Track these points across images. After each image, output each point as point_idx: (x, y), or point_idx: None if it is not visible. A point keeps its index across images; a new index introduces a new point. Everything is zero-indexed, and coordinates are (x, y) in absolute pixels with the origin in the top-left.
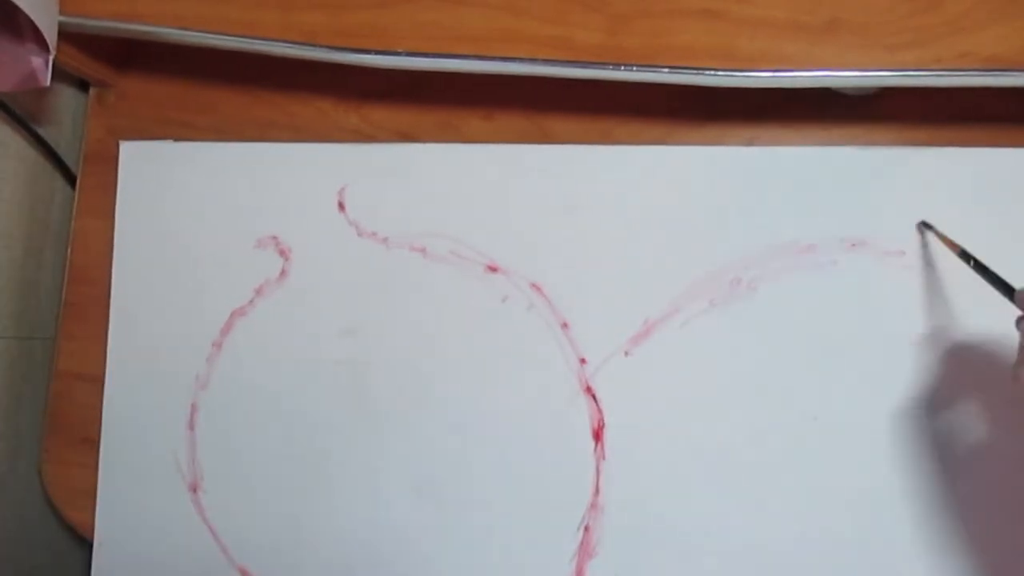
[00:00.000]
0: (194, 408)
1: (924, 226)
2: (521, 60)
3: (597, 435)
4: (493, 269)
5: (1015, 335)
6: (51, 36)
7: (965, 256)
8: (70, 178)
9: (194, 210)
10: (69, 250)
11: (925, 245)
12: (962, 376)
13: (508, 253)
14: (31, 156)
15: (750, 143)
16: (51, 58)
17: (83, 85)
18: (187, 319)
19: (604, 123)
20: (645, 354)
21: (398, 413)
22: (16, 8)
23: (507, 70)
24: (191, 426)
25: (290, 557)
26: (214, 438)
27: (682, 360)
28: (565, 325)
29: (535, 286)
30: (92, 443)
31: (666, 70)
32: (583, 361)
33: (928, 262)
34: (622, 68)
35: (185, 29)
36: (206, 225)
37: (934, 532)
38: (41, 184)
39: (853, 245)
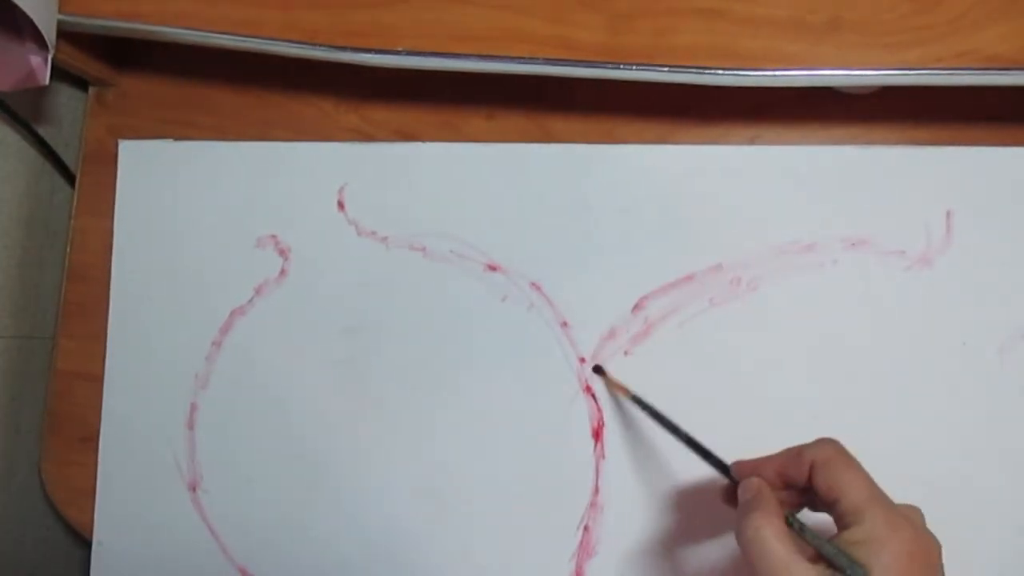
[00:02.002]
0: (194, 407)
1: (596, 371)
2: (522, 60)
3: (597, 434)
4: (493, 268)
5: (1010, 336)
6: (50, 35)
7: (639, 402)
8: (69, 177)
9: (194, 209)
10: (68, 249)
11: (927, 245)
12: (960, 375)
13: (508, 252)
14: (30, 155)
15: (751, 142)
16: (50, 57)
17: (83, 84)
18: (187, 318)
19: (605, 122)
20: (645, 353)
21: (398, 412)
22: (15, 7)
23: (508, 69)
24: (191, 425)
25: (290, 556)
26: (214, 437)
27: (682, 359)
28: (565, 324)
29: (535, 285)
30: (92, 442)
31: (667, 69)
32: (583, 360)
33: (929, 262)
34: (623, 68)
35: (185, 28)
36: (206, 224)
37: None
38: (40, 183)
39: (854, 245)
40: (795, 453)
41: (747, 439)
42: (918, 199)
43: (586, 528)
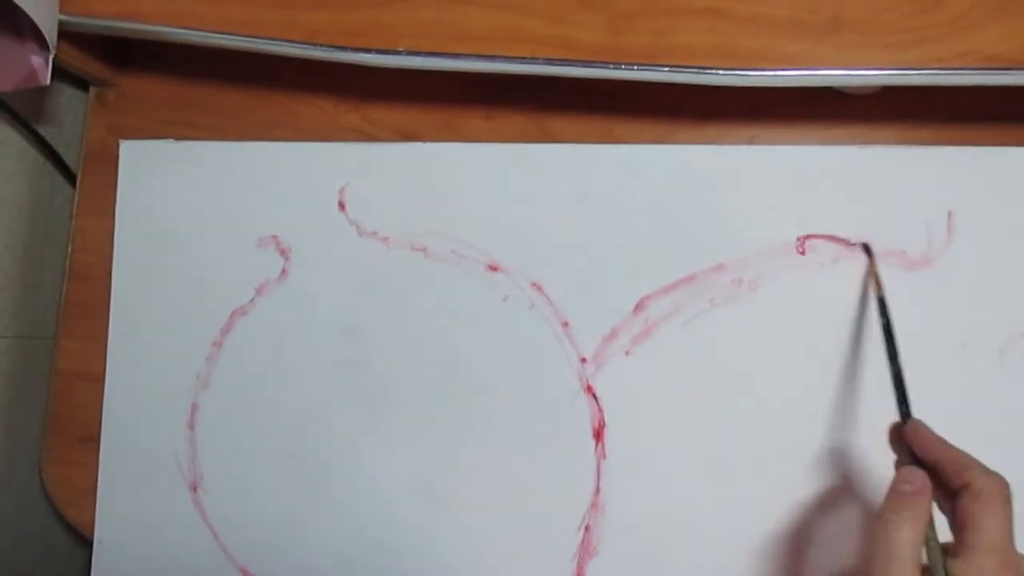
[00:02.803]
0: (194, 407)
1: (865, 250)
2: (522, 59)
3: (598, 435)
4: (494, 268)
5: (1011, 336)
6: (51, 35)
7: (883, 305)
8: (70, 177)
9: (194, 209)
10: (69, 249)
11: (928, 245)
12: (960, 375)
13: (509, 252)
14: (31, 155)
15: (751, 142)
16: (51, 57)
17: (83, 84)
18: (187, 318)
19: (605, 122)
20: (646, 353)
21: (398, 413)
22: (16, 7)
23: (508, 69)
24: (191, 425)
25: (291, 557)
26: (214, 437)
27: (683, 359)
28: (566, 324)
29: (536, 285)
30: (92, 442)
31: (667, 69)
32: (584, 360)
33: (930, 262)
34: (623, 67)
35: (186, 28)
36: (206, 224)
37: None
38: (41, 183)
39: (855, 245)
40: (965, 465)
41: (747, 439)
42: (919, 199)
43: (587, 528)
